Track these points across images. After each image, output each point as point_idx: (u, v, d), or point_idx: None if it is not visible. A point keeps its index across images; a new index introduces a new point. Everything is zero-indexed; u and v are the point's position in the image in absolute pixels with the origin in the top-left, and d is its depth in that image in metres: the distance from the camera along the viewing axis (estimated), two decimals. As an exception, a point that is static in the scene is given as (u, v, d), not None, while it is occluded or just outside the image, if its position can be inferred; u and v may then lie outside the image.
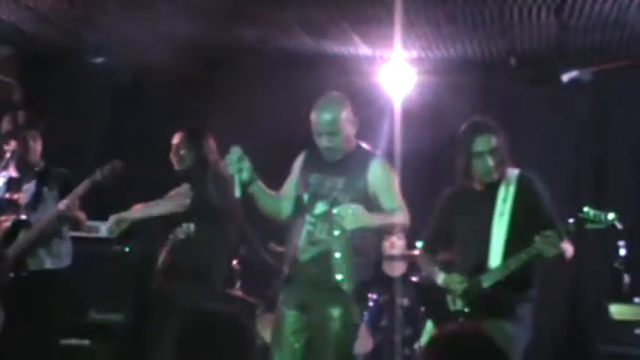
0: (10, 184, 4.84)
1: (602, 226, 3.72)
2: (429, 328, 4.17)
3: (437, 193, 4.25)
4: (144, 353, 5.66)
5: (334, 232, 3.77)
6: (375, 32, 5.73)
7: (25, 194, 4.81)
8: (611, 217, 3.70)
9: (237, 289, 5.94)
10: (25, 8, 5.64)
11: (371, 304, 5.64)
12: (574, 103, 6.32)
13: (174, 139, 5.02)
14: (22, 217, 4.74)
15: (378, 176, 3.85)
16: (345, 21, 5.59)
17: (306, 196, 3.89)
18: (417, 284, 5.63)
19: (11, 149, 4.74)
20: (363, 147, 3.97)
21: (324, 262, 3.79)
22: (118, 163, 4.73)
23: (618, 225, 3.74)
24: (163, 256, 4.80)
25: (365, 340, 5.42)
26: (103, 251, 6.10)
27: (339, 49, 6.26)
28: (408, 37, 5.69)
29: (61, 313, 4.91)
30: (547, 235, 3.67)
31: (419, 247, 4.43)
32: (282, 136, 6.06)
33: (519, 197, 3.90)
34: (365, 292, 4.07)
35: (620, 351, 5.16)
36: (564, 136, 6.40)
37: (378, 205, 3.82)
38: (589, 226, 3.72)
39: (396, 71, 5.67)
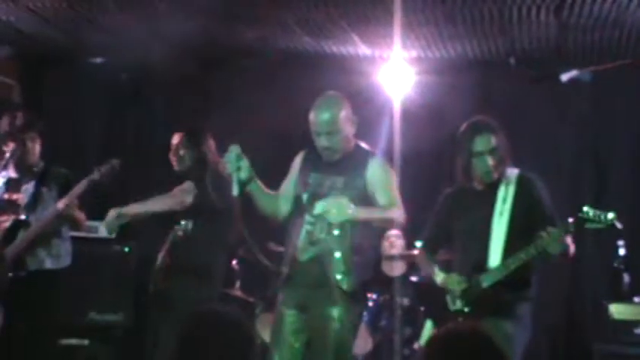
0: (9, 184, 4.84)
1: (602, 226, 3.72)
2: (428, 327, 4.16)
3: (436, 193, 4.25)
4: (144, 353, 5.67)
5: (334, 231, 3.77)
6: (374, 32, 5.74)
7: (24, 194, 4.80)
8: (610, 216, 3.70)
9: (237, 289, 5.94)
10: (24, 8, 5.64)
11: (370, 304, 5.63)
12: (573, 103, 6.32)
13: (173, 139, 5.02)
14: (22, 217, 4.74)
15: (376, 174, 3.84)
16: (344, 21, 5.59)
17: (305, 196, 3.88)
18: (417, 284, 5.63)
19: (10, 150, 4.73)
20: (362, 146, 3.96)
21: (323, 261, 3.79)
22: (116, 162, 4.73)
23: (618, 224, 3.73)
24: (162, 256, 4.80)
25: (364, 339, 5.42)
26: (103, 251, 6.11)
27: (339, 48, 6.26)
28: (408, 37, 5.69)
29: (61, 313, 4.90)
30: (552, 231, 3.67)
31: (418, 247, 4.43)
32: (281, 136, 6.07)
33: (519, 197, 3.90)
34: (364, 291, 4.06)
35: (620, 350, 5.16)
36: (564, 135, 6.40)
37: (375, 202, 3.81)
38: (588, 226, 3.72)
39: (395, 71, 5.65)
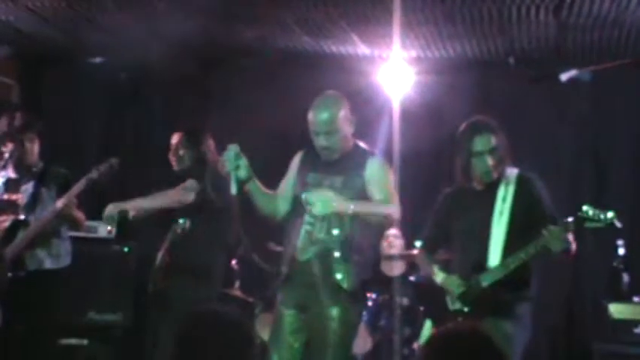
0: (8, 184, 4.84)
1: (602, 225, 3.72)
2: (427, 327, 4.16)
3: (436, 193, 4.25)
4: (143, 353, 5.66)
5: (333, 231, 3.77)
6: (373, 32, 5.73)
7: (23, 195, 4.80)
8: (610, 215, 3.69)
9: (236, 289, 5.94)
10: (23, 8, 5.64)
11: (370, 304, 5.64)
12: (573, 103, 6.32)
13: (172, 139, 5.02)
14: (21, 217, 4.74)
15: (374, 173, 3.84)
16: (343, 20, 5.59)
17: (304, 196, 3.89)
18: (416, 284, 5.63)
19: (9, 150, 4.73)
20: (361, 146, 3.96)
21: (323, 261, 3.78)
22: (115, 161, 4.73)
23: (617, 224, 3.73)
24: (162, 254, 4.80)
25: (364, 339, 5.42)
26: (103, 251, 6.10)
27: (338, 48, 6.26)
28: (407, 37, 5.69)
29: (60, 313, 4.90)
30: (553, 229, 3.67)
31: (418, 247, 4.43)
32: (280, 135, 6.07)
33: (519, 197, 3.89)
34: (364, 291, 4.06)
35: (620, 350, 5.15)
36: (563, 135, 6.40)
37: (371, 199, 3.81)
38: (588, 225, 3.72)
39: (394, 71, 5.65)
